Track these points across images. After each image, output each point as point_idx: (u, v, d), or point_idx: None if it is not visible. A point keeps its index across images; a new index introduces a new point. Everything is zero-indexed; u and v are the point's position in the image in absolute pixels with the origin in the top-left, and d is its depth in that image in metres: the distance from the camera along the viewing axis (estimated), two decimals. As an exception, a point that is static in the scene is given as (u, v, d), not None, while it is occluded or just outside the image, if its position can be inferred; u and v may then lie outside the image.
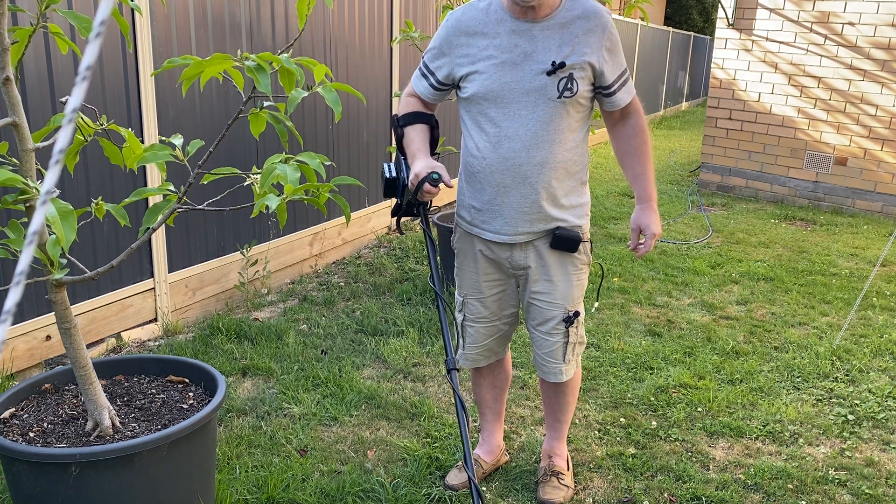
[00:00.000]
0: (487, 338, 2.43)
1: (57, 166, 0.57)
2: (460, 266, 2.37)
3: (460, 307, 2.43)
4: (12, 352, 3.11)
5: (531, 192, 2.13)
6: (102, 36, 0.56)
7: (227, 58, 1.83)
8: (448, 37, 2.13)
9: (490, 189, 2.16)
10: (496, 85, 2.07)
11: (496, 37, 2.07)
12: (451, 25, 2.13)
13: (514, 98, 2.07)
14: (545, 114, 2.08)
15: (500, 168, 2.12)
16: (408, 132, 2.21)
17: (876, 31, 6.91)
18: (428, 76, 2.21)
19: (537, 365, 2.42)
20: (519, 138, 2.09)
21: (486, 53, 2.07)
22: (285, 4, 4.26)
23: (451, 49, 2.13)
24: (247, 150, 4.14)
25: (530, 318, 2.35)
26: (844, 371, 3.63)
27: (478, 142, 2.15)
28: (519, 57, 2.06)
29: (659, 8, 22.20)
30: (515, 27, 2.06)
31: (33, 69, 3.00)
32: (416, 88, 2.26)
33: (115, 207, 2.01)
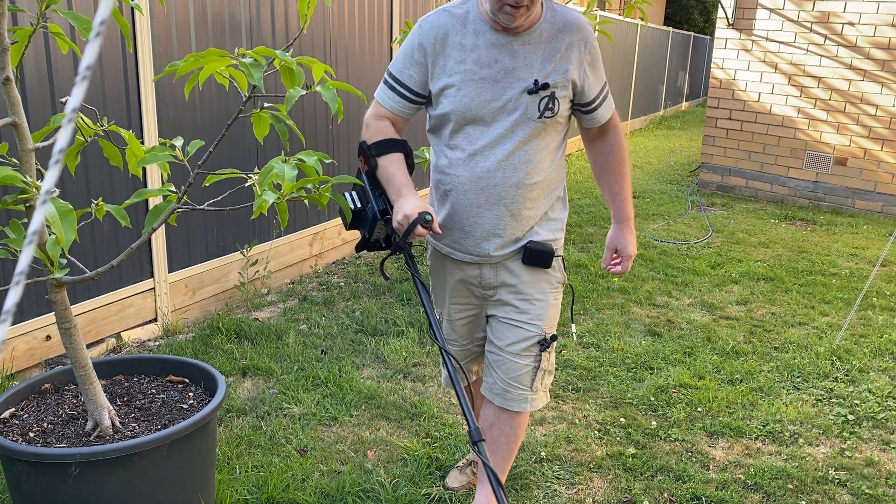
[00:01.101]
0: (463, 359, 2.33)
1: (57, 166, 0.57)
2: (434, 284, 2.27)
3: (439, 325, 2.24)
4: (12, 352, 3.11)
5: (505, 213, 2.01)
6: (102, 36, 0.57)
7: (224, 55, 1.83)
8: (423, 43, 1.94)
9: (462, 209, 2.03)
10: (475, 103, 1.93)
11: (475, 49, 1.91)
12: (426, 31, 1.94)
13: (493, 117, 1.94)
14: (524, 134, 1.96)
15: (473, 188, 1.99)
16: (384, 164, 2.00)
17: (876, 31, 6.91)
18: (399, 89, 2.00)
19: (496, 393, 2.18)
20: (495, 157, 1.96)
21: (464, 67, 1.92)
22: (285, 4, 4.26)
23: (425, 57, 1.95)
24: (247, 150, 4.14)
25: (499, 337, 2.14)
26: (844, 371, 3.63)
27: (451, 159, 2.01)
28: (499, 73, 1.92)
29: (659, 8, 22.20)
30: (496, 40, 1.91)
31: (33, 69, 3.00)
32: (387, 105, 2.03)
33: (116, 209, 2.01)
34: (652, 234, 6.18)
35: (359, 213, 2.04)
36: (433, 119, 2.04)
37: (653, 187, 8.33)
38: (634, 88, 13.29)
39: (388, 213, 2.01)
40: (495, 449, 2.26)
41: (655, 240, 6.01)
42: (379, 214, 2.00)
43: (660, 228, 6.44)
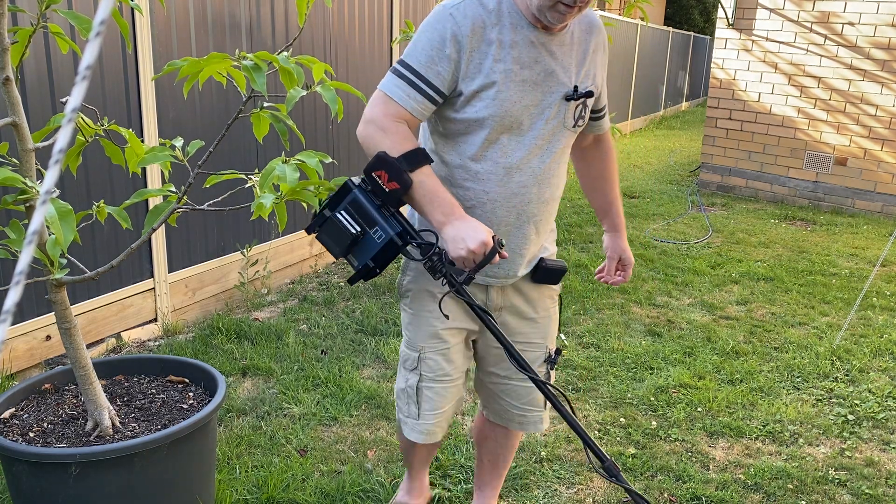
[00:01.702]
0: (450, 402, 1.97)
1: (57, 166, 0.57)
2: (414, 312, 1.91)
3: (413, 365, 1.93)
4: (12, 352, 3.11)
5: (532, 231, 1.83)
6: (102, 36, 0.57)
7: (225, 57, 1.84)
8: (458, 36, 1.65)
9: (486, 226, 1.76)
10: (516, 108, 1.70)
11: (514, 47, 1.68)
12: (461, 22, 1.65)
13: (532, 124, 1.74)
14: (559, 144, 1.79)
15: (505, 205, 1.77)
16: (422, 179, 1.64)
17: (876, 31, 6.91)
18: (423, 87, 1.67)
19: (509, 419, 2.06)
20: (531, 172, 1.76)
21: (504, 66, 1.67)
22: (285, 4, 4.26)
23: (460, 51, 1.66)
24: (247, 150, 4.14)
25: (506, 366, 1.97)
26: (844, 371, 3.63)
27: (477, 172, 1.75)
28: (540, 75, 1.71)
29: (659, 8, 22.20)
30: (534, 38, 1.70)
31: (33, 69, 3.00)
32: (406, 105, 1.67)
33: (117, 210, 2.01)
34: (652, 234, 6.18)
35: (356, 239, 1.68)
36: (455, 124, 1.74)
37: (653, 187, 8.33)
38: (634, 88, 13.29)
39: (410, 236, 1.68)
40: (493, 459, 2.23)
41: (655, 240, 6.01)
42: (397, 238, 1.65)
43: (660, 228, 6.44)
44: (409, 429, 1.98)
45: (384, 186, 1.65)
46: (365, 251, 1.69)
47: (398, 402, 2.02)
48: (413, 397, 1.95)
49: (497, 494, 2.34)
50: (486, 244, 1.58)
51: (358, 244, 1.69)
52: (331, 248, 1.73)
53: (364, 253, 1.69)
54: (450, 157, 1.78)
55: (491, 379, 2.04)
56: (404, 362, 1.97)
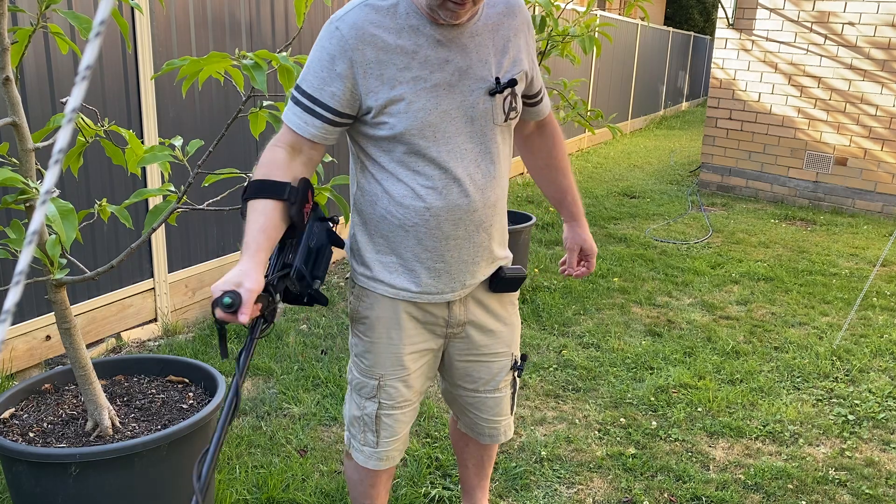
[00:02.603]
0: (407, 425, 1.88)
1: (56, 166, 0.57)
2: (373, 340, 1.77)
3: (371, 394, 1.80)
4: (12, 352, 3.11)
5: (485, 238, 1.72)
6: (102, 36, 0.57)
7: (225, 56, 1.84)
8: (346, 50, 1.52)
9: (434, 244, 1.66)
10: (433, 116, 1.57)
11: (417, 51, 1.55)
12: (348, 35, 1.52)
13: (456, 130, 1.60)
14: (493, 143, 1.66)
15: (448, 219, 1.64)
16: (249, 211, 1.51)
17: (876, 31, 6.91)
18: (318, 110, 1.56)
19: (479, 431, 1.99)
20: (470, 179, 1.63)
21: (411, 74, 1.55)
22: (285, 4, 4.26)
23: (352, 67, 1.53)
24: (247, 149, 4.14)
25: (473, 379, 1.89)
26: (844, 371, 3.63)
27: (414, 188, 1.62)
28: (454, 76, 1.58)
29: (659, 8, 22.21)
30: (440, 36, 1.57)
31: (33, 69, 3.00)
32: (303, 132, 1.57)
33: (118, 209, 2.02)
34: (652, 234, 6.18)
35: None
36: (374, 141, 1.62)
37: (653, 187, 8.33)
38: (634, 88, 13.29)
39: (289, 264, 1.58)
40: (477, 462, 2.16)
41: (655, 240, 6.01)
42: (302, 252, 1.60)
43: (660, 228, 6.44)
44: (366, 457, 1.85)
45: None
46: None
47: (351, 430, 1.87)
48: (370, 426, 1.83)
49: (486, 495, 2.28)
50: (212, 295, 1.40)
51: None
52: None
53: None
54: (381, 176, 1.65)
55: (458, 392, 1.95)
56: (359, 389, 1.82)
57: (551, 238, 5.92)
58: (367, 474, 1.93)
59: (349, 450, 1.90)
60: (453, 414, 2.11)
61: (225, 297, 1.38)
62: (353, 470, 1.95)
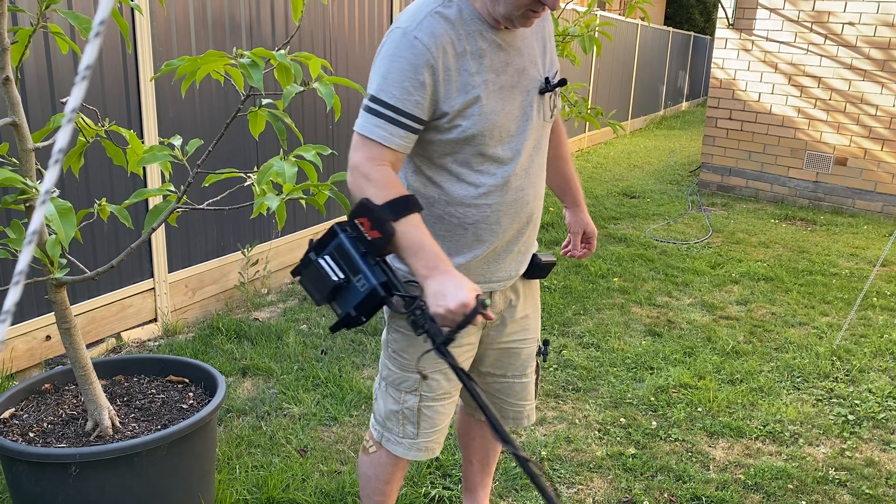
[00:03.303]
0: (447, 417, 1.91)
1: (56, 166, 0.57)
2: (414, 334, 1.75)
3: (412, 387, 1.84)
4: (12, 352, 3.11)
5: (532, 230, 1.84)
6: (102, 36, 0.57)
7: (223, 55, 1.84)
8: (429, 61, 1.56)
9: (493, 239, 1.75)
10: (500, 117, 1.65)
11: (483, 55, 1.62)
12: (430, 44, 1.56)
13: (518, 129, 1.70)
14: (543, 139, 1.78)
15: (508, 213, 1.73)
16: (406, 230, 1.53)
17: (876, 30, 6.91)
18: (405, 121, 1.58)
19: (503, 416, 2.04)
20: (525, 174, 1.74)
21: (482, 78, 1.62)
22: (285, 4, 4.26)
23: (434, 75, 1.57)
24: (247, 149, 4.14)
25: (503, 366, 1.97)
26: (844, 371, 3.63)
27: (478, 187, 1.69)
28: (514, 78, 1.67)
29: (659, 8, 22.21)
30: (500, 40, 1.65)
31: (33, 69, 3.00)
32: (392, 144, 1.58)
33: (118, 209, 2.02)
34: (652, 234, 6.18)
35: (339, 287, 1.58)
36: (440, 145, 1.67)
37: (653, 187, 8.33)
38: (634, 88, 13.29)
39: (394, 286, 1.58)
40: (483, 457, 2.22)
41: (655, 240, 6.01)
42: (381, 289, 1.55)
43: (660, 228, 6.44)
44: (406, 448, 1.89)
45: (366, 234, 1.55)
46: (348, 300, 1.59)
47: (386, 424, 1.89)
48: (411, 418, 1.87)
49: (488, 494, 2.32)
50: (465, 305, 1.47)
51: (341, 292, 1.59)
52: (313, 294, 1.64)
53: (347, 301, 1.59)
54: (440, 178, 1.70)
55: (485, 380, 2.00)
56: (398, 384, 1.86)
57: (551, 238, 5.92)
58: (382, 471, 1.96)
59: (381, 444, 1.92)
60: (463, 408, 2.16)
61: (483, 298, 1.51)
62: (369, 465, 1.98)
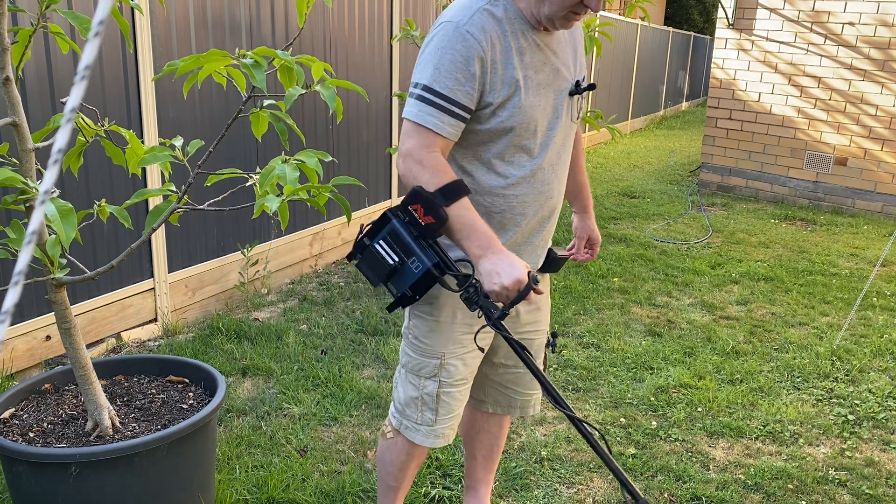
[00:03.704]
0: (462, 403, 2.00)
1: (56, 166, 0.57)
2: (438, 319, 1.89)
3: (432, 373, 1.91)
4: (12, 352, 3.11)
5: (551, 224, 1.95)
6: (101, 35, 0.57)
7: (225, 55, 1.83)
8: (478, 53, 1.67)
9: (516, 229, 1.85)
10: (536, 111, 1.76)
11: (524, 53, 1.73)
12: (480, 38, 1.67)
13: (549, 125, 1.81)
14: (570, 139, 1.90)
15: (533, 205, 1.84)
16: (460, 213, 1.64)
17: (875, 31, 6.91)
18: (455, 110, 1.68)
19: (511, 405, 2.13)
20: (552, 169, 1.85)
21: (523, 73, 1.73)
22: (285, 4, 4.26)
23: (483, 67, 1.68)
24: (247, 150, 4.14)
25: (513, 357, 2.05)
26: (844, 371, 3.63)
27: (510, 178, 1.79)
28: (550, 76, 1.78)
29: (659, 8, 22.20)
30: (539, 40, 1.76)
31: (33, 69, 3.00)
32: (443, 132, 1.68)
33: (118, 209, 2.01)
34: (652, 234, 6.18)
35: (394, 270, 1.70)
36: (478, 134, 1.76)
37: (653, 187, 8.33)
38: (634, 88, 13.29)
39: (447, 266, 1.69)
40: (487, 453, 2.26)
41: (655, 240, 6.01)
42: (434, 269, 1.66)
43: (660, 228, 6.44)
44: (424, 436, 1.96)
45: (420, 220, 1.66)
46: (403, 280, 1.70)
47: (406, 411, 1.96)
48: (429, 404, 1.93)
49: (490, 491, 2.35)
50: (520, 281, 1.58)
51: (396, 274, 1.71)
52: (370, 276, 1.75)
53: (402, 282, 1.71)
54: (472, 168, 1.80)
55: (497, 370, 2.10)
56: (418, 370, 1.92)
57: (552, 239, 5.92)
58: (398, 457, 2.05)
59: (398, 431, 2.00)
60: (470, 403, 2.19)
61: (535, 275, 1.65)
62: (386, 450, 2.07)
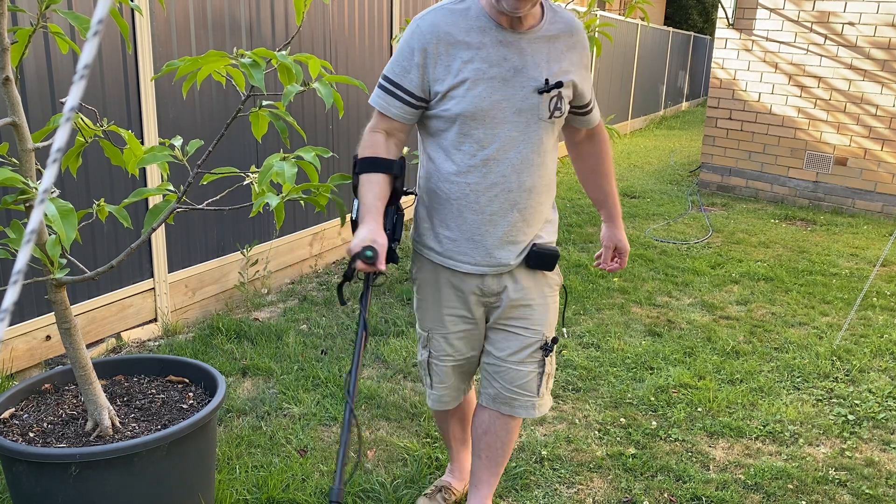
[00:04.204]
0: (453, 377, 2.21)
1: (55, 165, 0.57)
2: (422, 298, 2.13)
3: (424, 343, 2.18)
4: (12, 352, 3.11)
5: (519, 219, 1.97)
6: (100, 35, 0.57)
7: (223, 55, 1.83)
8: (423, 45, 1.85)
9: (473, 217, 1.94)
10: (486, 103, 1.85)
11: (481, 48, 1.84)
12: (426, 31, 1.85)
13: (504, 118, 1.88)
14: (535, 135, 1.92)
15: (486, 194, 1.92)
16: (362, 182, 1.90)
17: (876, 30, 6.91)
18: (400, 94, 1.90)
19: (501, 402, 2.16)
20: (509, 162, 1.91)
21: (473, 66, 1.84)
22: (285, 4, 4.26)
23: (426, 59, 1.85)
24: (246, 149, 4.14)
25: (500, 348, 2.11)
26: (844, 371, 3.62)
27: (460, 165, 1.92)
28: (509, 72, 1.86)
29: (659, 8, 22.20)
30: (502, 38, 1.86)
31: (33, 69, 3.00)
32: (388, 113, 1.92)
33: (117, 209, 2.01)
34: (652, 234, 6.18)
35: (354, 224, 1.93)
36: (435, 122, 1.93)
37: (653, 187, 8.33)
38: (634, 88, 13.29)
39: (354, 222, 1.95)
40: (490, 454, 2.26)
41: (655, 240, 6.00)
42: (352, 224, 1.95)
43: (660, 228, 6.44)
44: (427, 398, 2.29)
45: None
46: None
47: (420, 373, 2.29)
48: (425, 370, 2.22)
49: (492, 493, 2.34)
50: (350, 250, 1.81)
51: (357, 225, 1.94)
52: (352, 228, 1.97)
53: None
54: (434, 154, 1.97)
55: (489, 360, 2.15)
56: (419, 339, 2.20)
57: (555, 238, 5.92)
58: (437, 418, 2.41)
59: None
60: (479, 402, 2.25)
61: (366, 250, 1.80)
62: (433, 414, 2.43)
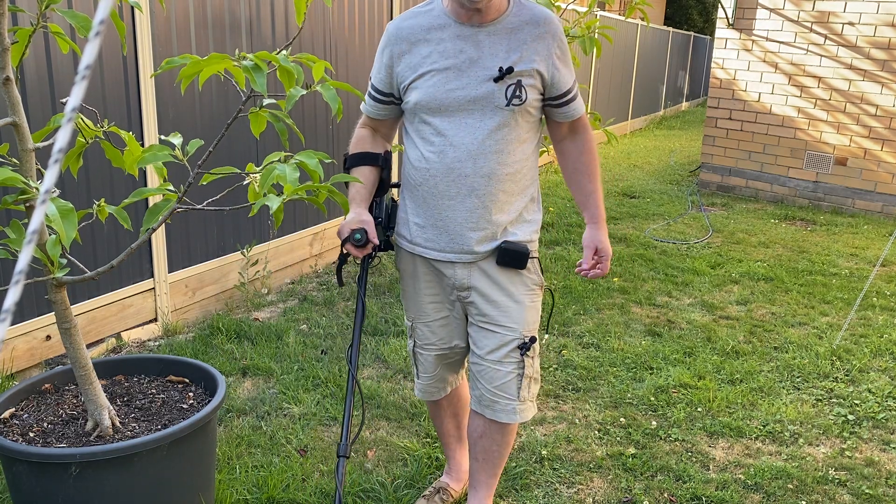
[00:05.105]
0: (437, 366, 2.26)
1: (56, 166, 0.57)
2: (404, 288, 2.23)
3: (410, 332, 2.27)
4: (12, 352, 3.11)
5: (478, 205, 1.99)
6: (102, 35, 0.57)
7: (225, 57, 1.83)
8: (387, 47, 2.02)
9: (434, 202, 2.02)
10: (440, 93, 1.95)
11: (439, 43, 1.96)
12: (392, 34, 2.02)
13: (459, 106, 1.95)
14: (493, 122, 1.96)
15: (445, 179, 1.99)
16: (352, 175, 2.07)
17: (876, 30, 6.91)
18: (374, 94, 2.09)
19: (484, 405, 2.15)
20: (465, 147, 1.96)
21: (430, 61, 1.96)
22: (285, 4, 4.26)
23: (392, 59, 2.01)
24: (246, 149, 4.14)
25: (479, 346, 2.12)
26: (844, 371, 3.63)
27: (422, 152, 2.02)
28: (464, 63, 1.94)
29: (659, 8, 22.20)
30: (460, 32, 1.95)
31: (33, 69, 3.00)
32: (367, 111, 2.13)
33: (117, 209, 2.01)
34: (652, 234, 6.18)
35: None
36: (406, 115, 2.08)
37: (653, 187, 8.33)
38: (634, 88, 13.29)
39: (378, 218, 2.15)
40: (486, 457, 2.25)
41: (655, 240, 6.00)
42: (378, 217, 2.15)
43: (660, 228, 6.44)
44: (415, 387, 2.36)
45: None
46: None
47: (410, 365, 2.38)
48: (412, 359, 2.31)
49: (492, 495, 2.34)
50: (339, 233, 2.02)
51: None
52: None
53: None
54: (408, 144, 2.10)
55: (472, 359, 2.17)
56: (407, 329, 2.29)
57: (551, 238, 5.92)
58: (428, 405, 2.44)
59: None
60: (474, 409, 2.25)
61: (356, 233, 1.97)
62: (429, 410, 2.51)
